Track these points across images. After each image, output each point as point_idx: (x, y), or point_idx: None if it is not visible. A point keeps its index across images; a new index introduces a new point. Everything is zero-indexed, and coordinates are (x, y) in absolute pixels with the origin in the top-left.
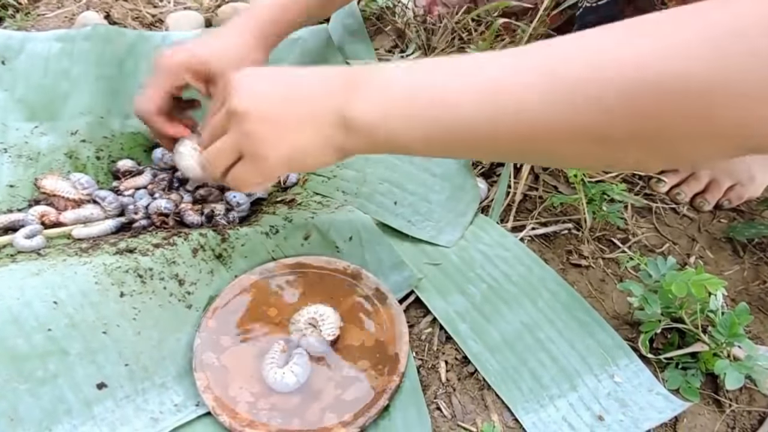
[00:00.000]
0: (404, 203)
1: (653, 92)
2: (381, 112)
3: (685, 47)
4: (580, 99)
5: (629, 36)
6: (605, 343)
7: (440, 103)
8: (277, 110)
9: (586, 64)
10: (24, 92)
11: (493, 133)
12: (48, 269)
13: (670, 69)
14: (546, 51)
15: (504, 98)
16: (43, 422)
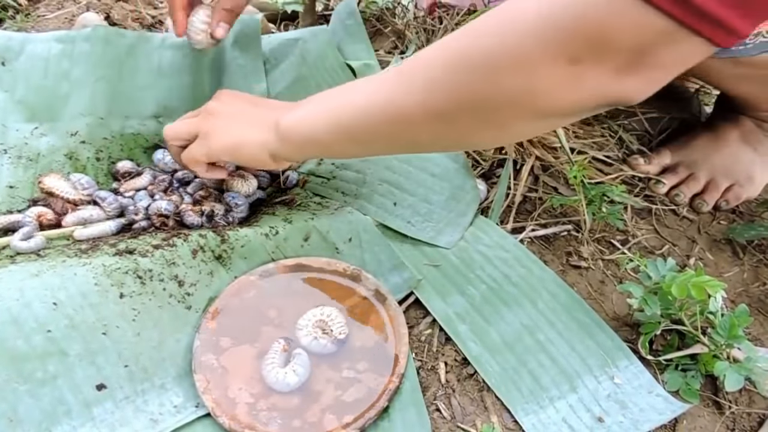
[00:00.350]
0: (404, 204)
1: (467, 67)
2: (296, 120)
3: (481, 28)
4: (418, 83)
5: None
6: (605, 345)
7: (333, 108)
8: (234, 112)
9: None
10: (24, 93)
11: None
12: (47, 270)
13: (473, 46)
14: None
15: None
16: (42, 423)
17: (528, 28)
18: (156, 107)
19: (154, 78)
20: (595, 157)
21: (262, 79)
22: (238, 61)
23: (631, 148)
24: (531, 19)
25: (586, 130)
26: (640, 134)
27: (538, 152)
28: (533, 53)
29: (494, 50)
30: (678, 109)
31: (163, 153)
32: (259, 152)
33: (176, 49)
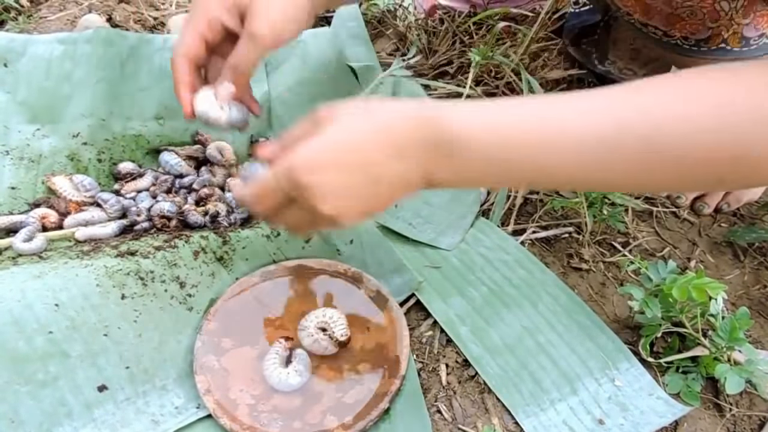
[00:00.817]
0: (405, 206)
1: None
2: (463, 178)
3: (697, 120)
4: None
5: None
6: (606, 347)
7: (515, 161)
8: (368, 205)
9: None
10: (26, 95)
11: (564, 175)
12: (49, 272)
13: (690, 142)
14: (614, 104)
15: (601, 152)
16: (43, 424)
17: (746, 128)
18: (157, 108)
19: (155, 79)
20: None
21: (263, 81)
22: None
23: None
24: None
25: None
26: None
27: None
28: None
29: (713, 148)
30: None
31: (170, 155)
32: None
33: None
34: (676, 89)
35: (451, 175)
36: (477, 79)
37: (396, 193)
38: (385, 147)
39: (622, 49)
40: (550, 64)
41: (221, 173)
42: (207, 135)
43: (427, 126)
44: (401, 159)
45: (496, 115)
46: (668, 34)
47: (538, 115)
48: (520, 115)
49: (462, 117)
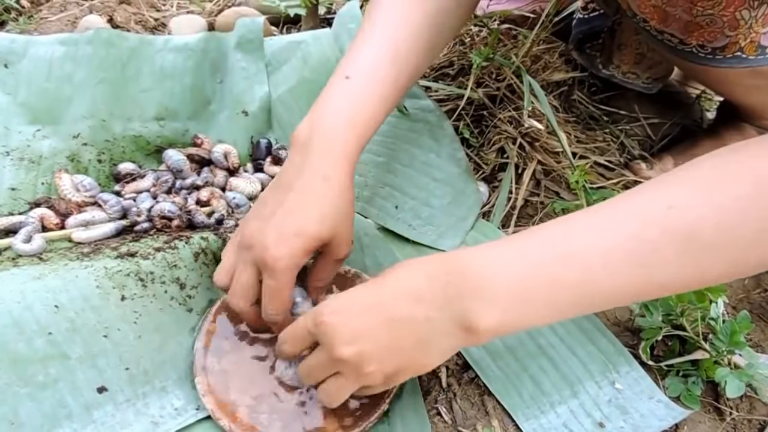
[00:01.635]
0: (405, 207)
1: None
2: (502, 313)
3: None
4: (708, 258)
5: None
6: (606, 350)
7: (561, 286)
8: (390, 346)
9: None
10: (26, 96)
11: (619, 296)
12: (49, 273)
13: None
14: (652, 210)
15: (631, 265)
16: (43, 426)
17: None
18: (158, 110)
19: (156, 80)
20: (596, 162)
21: (264, 82)
22: (240, 63)
23: (633, 154)
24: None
25: (588, 135)
26: (642, 139)
27: (540, 156)
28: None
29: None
30: (679, 115)
31: (174, 151)
32: (442, 360)
33: (178, 52)
34: (702, 177)
35: (491, 313)
36: (478, 81)
37: (424, 340)
38: (400, 292)
39: (627, 54)
40: (551, 66)
41: (222, 175)
42: (206, 138)
43: (446, 267)
44: (419, 302)
45: (517, 249)
46: (684, 42)
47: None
48: (539, 250)
49: (482, 256)
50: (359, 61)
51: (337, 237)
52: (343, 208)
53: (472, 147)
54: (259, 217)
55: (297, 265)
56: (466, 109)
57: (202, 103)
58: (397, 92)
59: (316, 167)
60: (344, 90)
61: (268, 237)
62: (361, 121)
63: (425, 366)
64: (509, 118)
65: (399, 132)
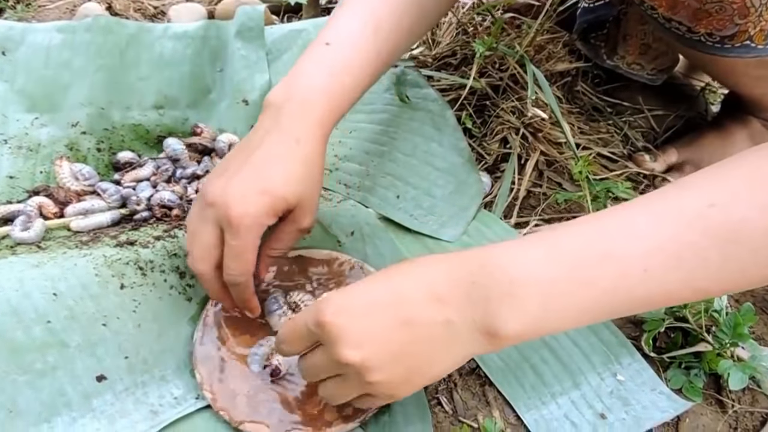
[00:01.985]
0: (407, 197)
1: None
2: (531, 318)
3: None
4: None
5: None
6: (609, 341)
7: (596, 290)
8: (402, 352)
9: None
10: (24, 83)
11: (654, 301)
12: (48, 261)
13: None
14: (684, 210)
15: (671, 269)
16: (42, 414)
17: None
18: (157, 98)
19: (155, 68)
20: (600, 154)
21: (264, 71)
22: (240, 51)
23: (637, 145)
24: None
25: (592, 126)
26: (646, 131)
27: (542, 147)
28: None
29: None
30: (684, 107)
31: (174, 140)
32: (457, 365)
33: (177, 40)
34: (736, 175)
35: (519, 318)
36: (481, 70)
37: (440, 346)
38: (416, 291)
39: (632, 45)
40: (555, 56)
41: None
42: (206, 127)
43: (469, 267)
44: (438, 302)
45: (549, 249)
46: (692, 30)
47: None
48: (574, 246)
49: (511, 255)
50: (340, 28)
51: (302, 202)
52: (312, 174)
53: (474, 137)
54: (222, 175)
55: (261, 225)
56: (469, 98)
57: (201, 92)
58: (379, 64)
59: (288, 130)
60: (323, 56)
61: (232, 194)
62: (338, 89)
63: (436, 375)
64: (512, 108)
65: (401, 121)
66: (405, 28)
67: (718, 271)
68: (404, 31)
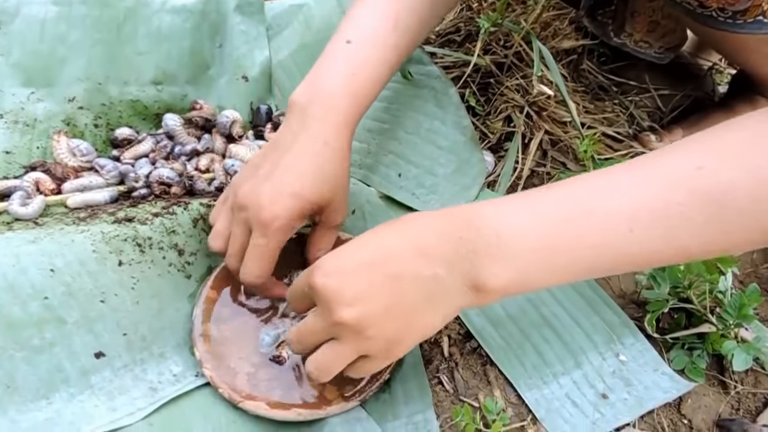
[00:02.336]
0: (409, 176)
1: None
2: (517, 272)
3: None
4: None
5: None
6: (611, 322)
7: (582, 246)
8: (393, 306)
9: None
10: (19, 57)
11: (638, 259)
12: (44, 237)
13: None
14: (671, 171)
15: (656, 227)
16: (40, 390)
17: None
18: (155, 73)
19: (153, 43)
20: (605, 133)
21: (264, 46)
22: (240, 26)
23: (642, 125)
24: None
25: (597, 106)
26: (652, 111)
27: (547, 126)
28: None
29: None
30: (691, 86)
31: (170, 116)
32: (448, 320)
33: (176, 14)
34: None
35: (506, 272)
36: (485, 47)
37: (429, 299)
38: (405, 248)
39: (640, 22)
40: (561, 33)
41: (221, 141)
42: (205, 104)
43: (457, 222)
44: (425, 257)
45: (536, 204)
46: (704, 5)
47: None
48: (558, 200)
49: (499, 210)
50: (360, 25)
51: (333, 203)
52: (341, 175)
53: (478, 115)
54: (254, 176)
55: (291, 227)
56: (473, 76)
57: (200, 68)
58: (398, 58)
59: (316, 132)
60: (345, 55)
61: (264, 197)
62: (361, 88)
63: (427, 328)
64: (517, 86)
65: (404, 98)
66: (423, 20)
67: (702, 233)
68: (422, 23)
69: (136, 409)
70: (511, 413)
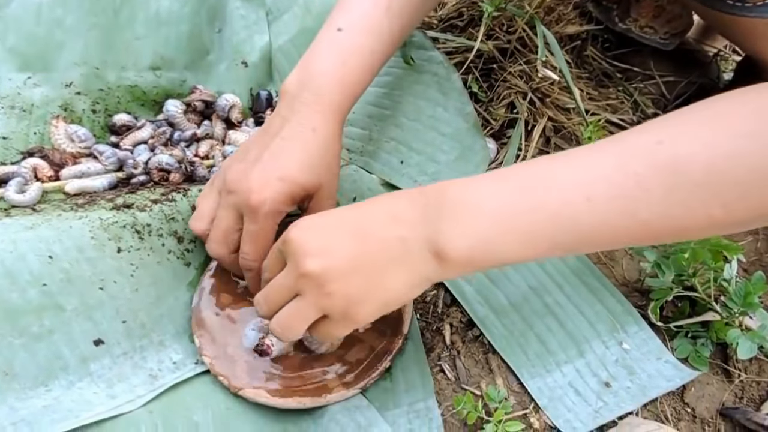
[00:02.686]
0: (411, 163)
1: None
2: (477, 239)
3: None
4: (699, 196)
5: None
6: (614, 310)
7: (542, 216)
8: (357, 262)
9: (687, 158)
10: (16, 41)
11: (600, 234)
12: (42, 224)
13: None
14: (634, 145)
15: (614, 198)
16: (39, 378)
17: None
18: (153, 58)
19: (151, 27)
20: (609, 120)
21: (264, 31)
22: (239, 11)
23: (647, 112)
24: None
25: (601, 92)
26: (656, 98)
27: (550, 113)
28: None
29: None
30: (696, 73)
31: (172, 103)
32: (415, 290)
33: None
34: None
35: (465, 238)
36: (488, 32)
37: (394, 262)
38: (377, 211)
39: (645, 7)
40: (564, 18)
41: (220, 126)
42: (205, 90)
43: (427, 192)
44: (394, 221)
45: (499, 176)
46: None
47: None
48: (522, 176)
49: (465, 182)
50: (352, 11)
51: (322, 189)
52: (329, 161)
53: (480, 102)
54: (242, 161)
55: (280, 211)
56: (475, 62)
57: (199, 53)
58: (391, 45)
59: (305, 119)
60: (335, 42)
61: (253, 181)
62: (352, 76)
63: (389, 292)
64: (520, 72)
65: (405, 84)
66: (416, 4)
67: (661, 206)
68: (416, 6)
69: (135, 396)
70: (514, 401)
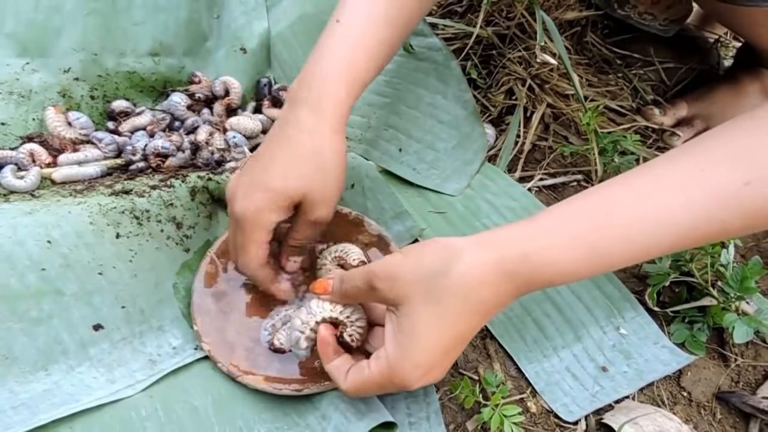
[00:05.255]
0: (409, 150)
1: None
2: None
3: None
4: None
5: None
6: (612, 295)
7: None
8: (452, 360)
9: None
10: (14, 27)
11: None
12: (41, 209)
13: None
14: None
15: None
16: (38, 362)
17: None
18: (152, 44)
19: (149, 13)
20: (608, 107)
21: (263, 17)
22: None
23: (646, 99)
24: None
25: (601, 79)
26: (656, 85)
27: (549, 99)
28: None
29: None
30: (695, 60)
31: (179, 96)
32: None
33: None
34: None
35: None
36: (487, 18)
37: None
38: (470, 315)
39: None
40: (564, 4)
41: (221, 109)
42: (204, 76)
43: (505, 265)
44: (487, 315)
45: (567, 232)
46: None
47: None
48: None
49: (549, 255)
50: (353, 5)
51: (309, 196)
52: (323, 165)
53: (479, 88)
54: (241, 170)
55: (265, 220)
56: (475, 48)
57: (198, 39)
58: (394, 38)
59: (301, 123)
60: (336, 37)
61: (239, 190)
62: (353, 72)
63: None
64: (519, 59)
65: (404, 72)
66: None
67: (735, 233)
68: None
69: (135, 381)
70: (511, 386)
